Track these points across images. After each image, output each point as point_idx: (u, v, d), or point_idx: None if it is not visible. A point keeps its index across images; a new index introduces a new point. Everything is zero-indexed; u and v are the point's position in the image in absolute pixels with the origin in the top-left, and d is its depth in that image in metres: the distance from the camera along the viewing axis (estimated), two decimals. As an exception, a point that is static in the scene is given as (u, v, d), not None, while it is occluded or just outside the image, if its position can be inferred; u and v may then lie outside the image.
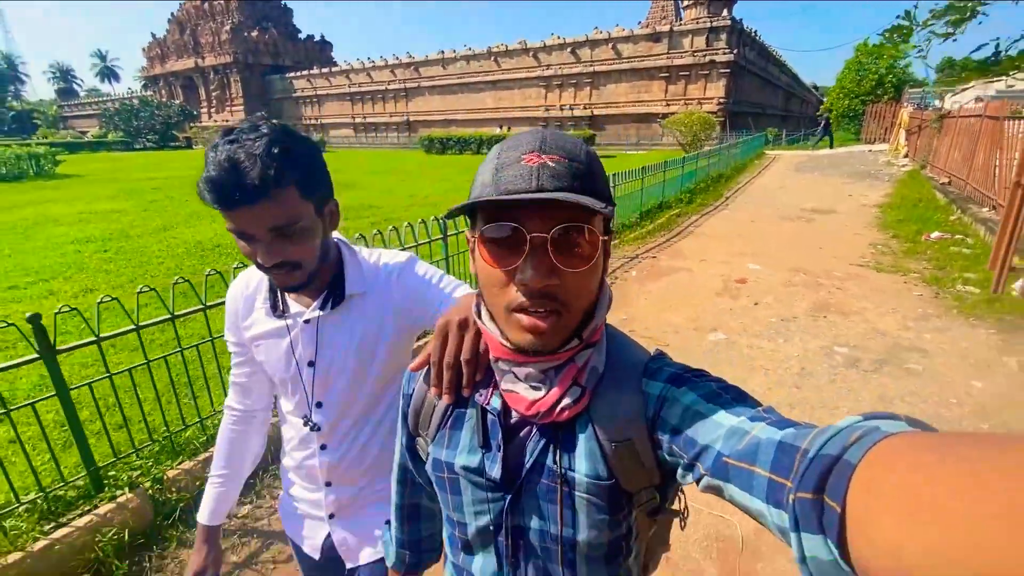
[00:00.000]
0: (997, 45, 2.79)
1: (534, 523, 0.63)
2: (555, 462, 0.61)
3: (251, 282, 1.02)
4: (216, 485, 1.12)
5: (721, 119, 29.90)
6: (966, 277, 5.18)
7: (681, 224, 8.53)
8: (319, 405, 1.00)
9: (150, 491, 2.29)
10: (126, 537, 2.11)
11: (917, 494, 0.27)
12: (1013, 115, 7.26)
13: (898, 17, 2.85)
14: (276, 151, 0.78)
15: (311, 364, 0.98)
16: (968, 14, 2.67)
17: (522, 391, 0.60)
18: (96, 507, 2.13)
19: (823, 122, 27.94)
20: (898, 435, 0.33)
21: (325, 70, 53.71)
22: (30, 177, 18.50)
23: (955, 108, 12.79)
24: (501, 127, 36.30)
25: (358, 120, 51.68)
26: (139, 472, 2.35)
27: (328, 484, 1.06)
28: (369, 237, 3.25)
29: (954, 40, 2.82)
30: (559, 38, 37.47)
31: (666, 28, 32.95)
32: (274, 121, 0.84)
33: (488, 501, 0.65)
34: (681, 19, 38.89)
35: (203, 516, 1.12)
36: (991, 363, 3.58)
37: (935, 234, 7.08)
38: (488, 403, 0.65)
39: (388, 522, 0.90)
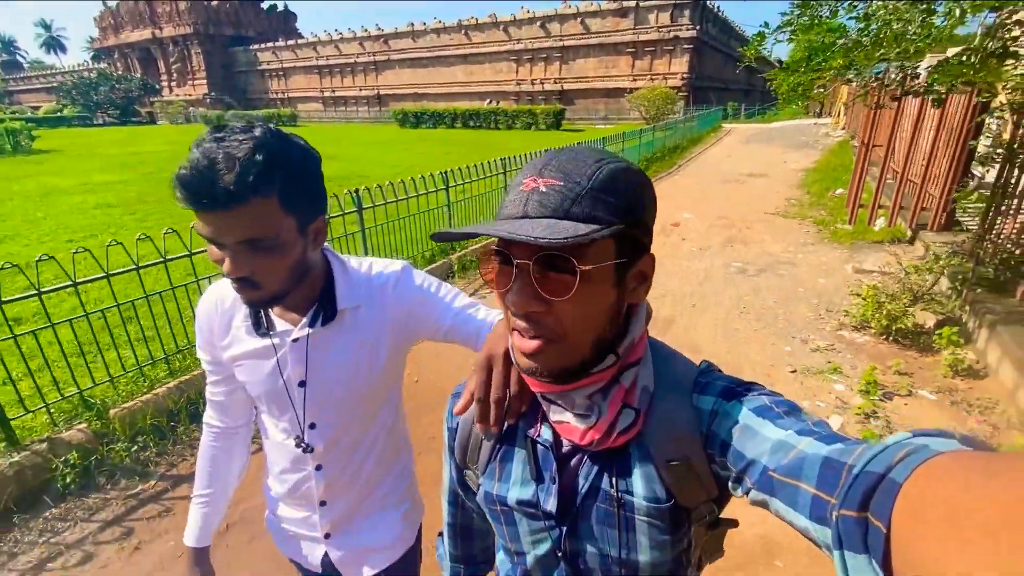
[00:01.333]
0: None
1: (593, 548, 0.62)
2: (611, 486, 0.59)
3: (227, 297, 0.93)
4: (201, 505, 1.07)
5: (685, 94, 31.37)
6: (844, 218, 6.75)
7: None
8: (312, 426, 0.94)
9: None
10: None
11: (965, 517, 0.26)
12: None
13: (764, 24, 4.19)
14: (260, 156, 0.70)
15: (302, 384, 0.91)
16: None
17: (572, 421, 0.58)
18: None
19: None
20: (947, 453, 0.32)
21: (291, 42, 52.69)
22: (8, 152, 18.59)
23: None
24: (490, 101, 36.79)
25: (327, 94, 51.19)
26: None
27: (323, 503, 1.01)
28: (374, 191, 4.50)
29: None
30: (529, 12, 37.99)
31: (632, 3, 33.94)
32: (271, 124, 0.77)
33: (545, 530, 0.64)
34: None
35: (190, 539, 1.06)
36: (836, 269, 5.11)
37: (839, 191, 8.68)
38: (539, 435, 0.63)
39: (440, 535, 0.87)
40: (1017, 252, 3.63)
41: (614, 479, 0.59)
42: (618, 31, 34.76)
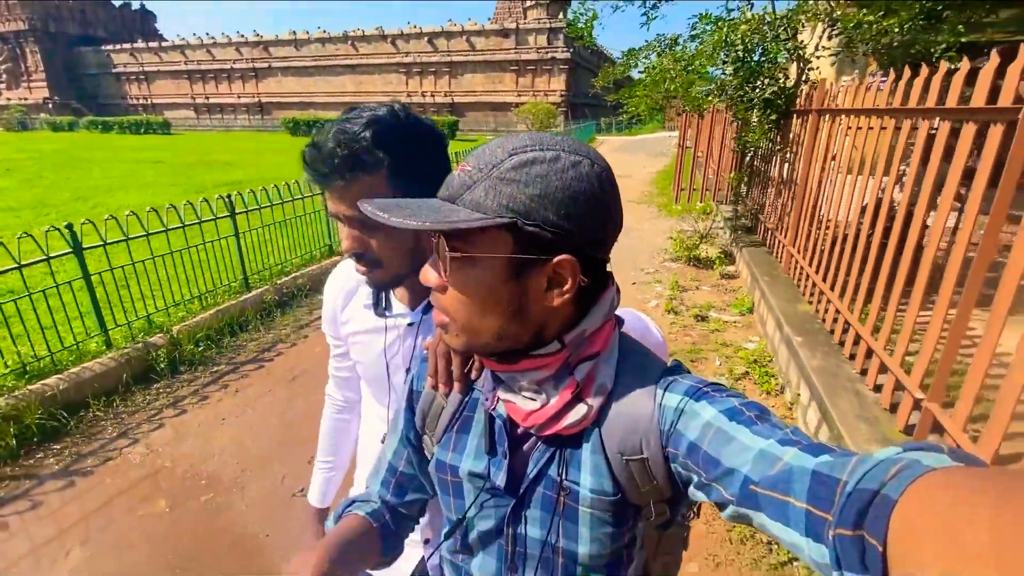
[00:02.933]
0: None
1: (535, 532, 0.62)
2: (559, 474, 0.59)
3: (353, 275, 0.93)
4: (324, 470, 1.13)
5: (564, 110, 34.87)
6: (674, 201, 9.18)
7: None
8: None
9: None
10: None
11: (958, 537, 0.26)
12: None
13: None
14: (368, 134, 0.72)
15: (408, 371, 0.87)
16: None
17: (518, 401, 0.58)
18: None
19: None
20: (940, 470, 0.32)
21: (154, 44, 48.56)
22: None
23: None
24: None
25: (200, 100, 47.89)
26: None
27: None
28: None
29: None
30: (416, 27, 39.36)
31: (513, 25, 36.85)
32: (404, 105, 0.78)
33: (492, 506, 0.64)
34: (526, 13, 43.44)
35: (314, 499, 1.13)
36: (666, 231, 7.29)
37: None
38: (494, 409, 0.63)
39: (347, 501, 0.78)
40: (755, 208, 5.91)
41: (563, 467, 0.59)
42: (502, 50, 37.47)
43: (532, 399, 0.58)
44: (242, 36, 44.97)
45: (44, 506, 2.37)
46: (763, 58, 4.92)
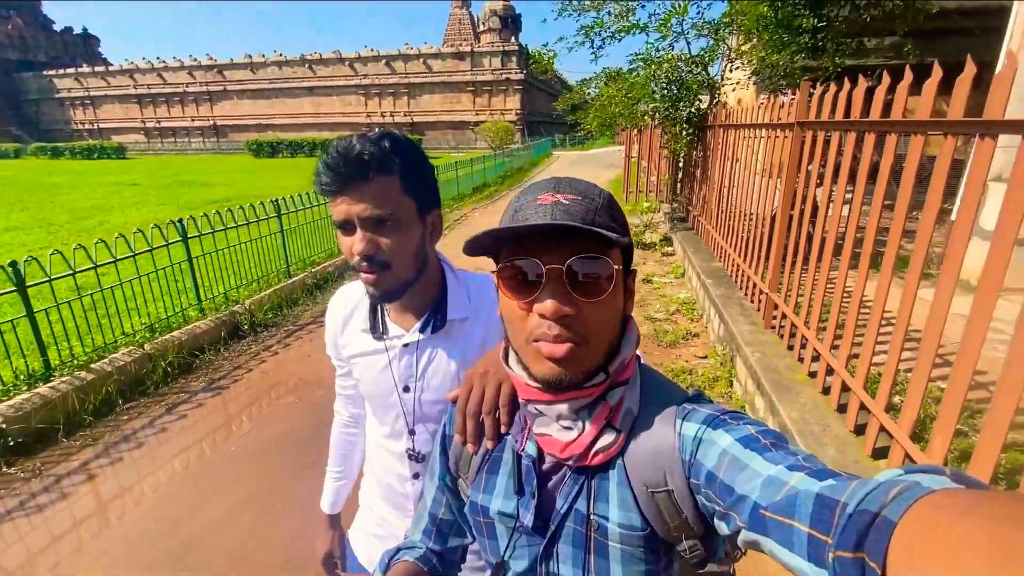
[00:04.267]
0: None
1: (567, 571, 0.62)
2: (587, 508, 0.60)
3: (350, 300, 1.01)
4: (334, 479, 1.21)
5: (520, 127, 36.78)
6: (623, 201, 10.75)
7: (493, 197, 13.39)
8: (412, 432, 0.98)
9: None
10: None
11: (956, 559, 0.27)
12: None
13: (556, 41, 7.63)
14: (384, 143, 0.82)
15: (407, 389, 0.95)
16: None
17: (555, 433, 0.59)
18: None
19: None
20: (940, 492, 0.33)
21: (100, 68, 47.61)
22: None
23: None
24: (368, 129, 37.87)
25: (151, 124, 47.16)
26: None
27: None
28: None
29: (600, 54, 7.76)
30: (373, 51, 40.53)
31: (468, 49, 38.65)
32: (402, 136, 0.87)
33: (525, 545, 0.65)
34: (479, 34, 45.58)
35: (326, 505, 1.21)
36: (621, 227, 8.79)
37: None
38: (523, 449, 0.64)
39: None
40: (686, 203, 7.45)
41: (591, 502, 0.59)
42: (458, 72, 39.14)
43: (569, 428, 0.59)
44: (195, 60, 44.83)
45: (204, 407, 3.43)
46: (682, 88, 6.47)
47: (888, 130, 2.05)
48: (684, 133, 6.38)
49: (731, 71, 6.57)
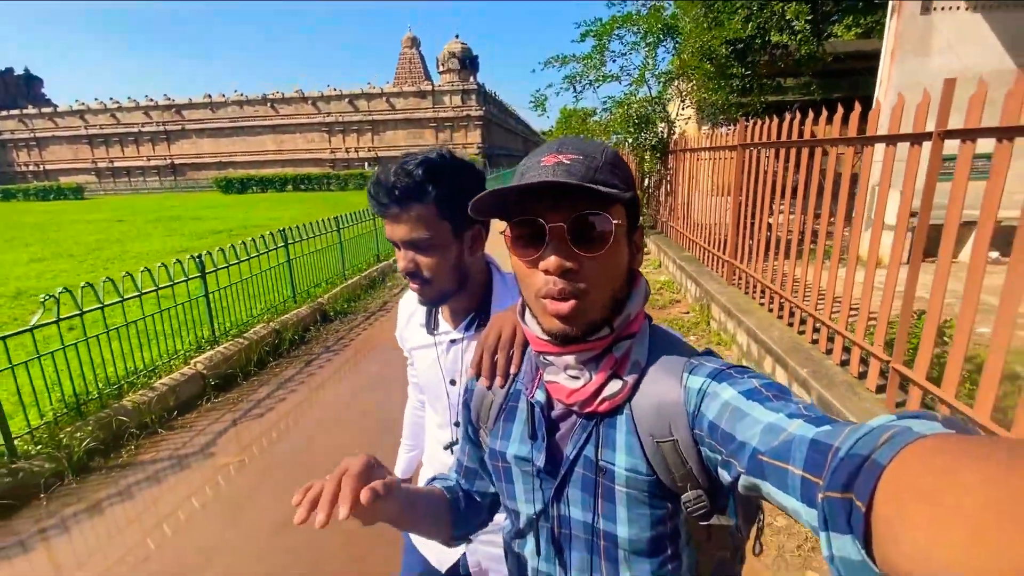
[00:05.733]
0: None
1: (577, 513, 0.65)
2: (595, 454, 0.63)
3: (415, 298, 1.05)
4: (407, 451, 1.36)
5: (483, 160, 38.82)
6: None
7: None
8: (457, 424, 1.02)
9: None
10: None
11: (945, 501, 0.27)
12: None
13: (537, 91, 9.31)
14: (420, 171, 0.87)
15: (453, 382, 1.03)
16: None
17: (562, 381, 0.63)
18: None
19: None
20: (930, 437, 0.33)
21: (48, 109, 46.48)
22: None
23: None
24: (358, 167, 38.39)
25: (103, 165, 46.18)
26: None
27: None
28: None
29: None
30: (336, 89, 41.89)
31: (429, 88, 40.71)
32: (450, 150, 0.94)
33: (538, 489, 0.68)
34: (428, 71, 47.94)
35: (399, 470, 1.35)
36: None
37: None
38: (533, 396, 0.68)
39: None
40: (654, 213, 9.12)
41: (599, 448, 0.62)
42: (420, 109, 41.00)
43: (576, 377, 0.62)
44: (151, 100, 44.70)
45: (331, 362, 4.59)
46: (646, 122, 8.22)
47: (798, 145, 3.62)
48: (650, 157, 8.07)
49: (683, 108, 8.39)
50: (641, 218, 0.65)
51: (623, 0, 8.55)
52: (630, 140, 8.33)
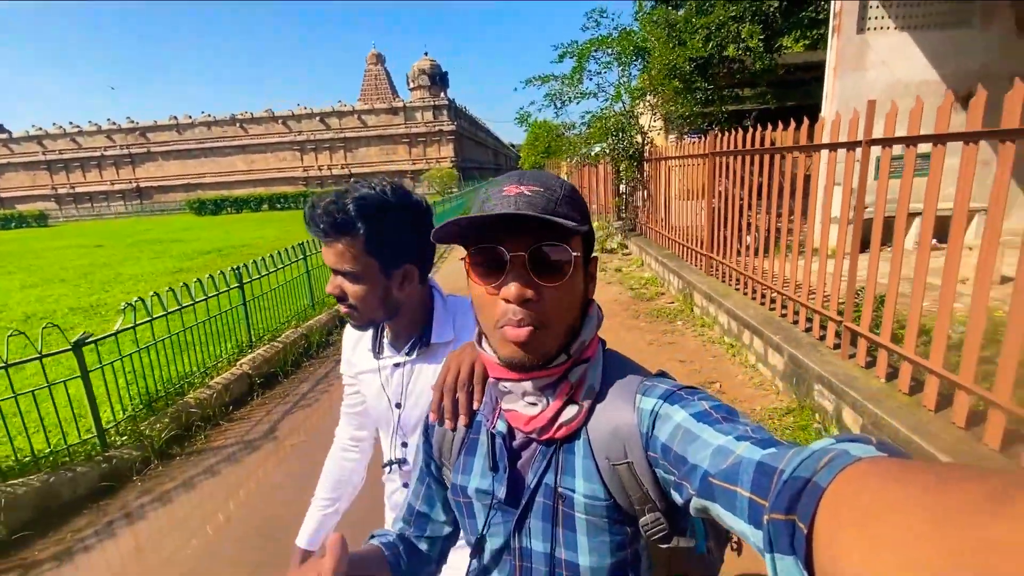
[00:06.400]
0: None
1: (538, 545, 0.65)
2: (555, 481, 0.63)
3: None
4: (322, 508, 1.20)
5: (458, 173, 39.50)
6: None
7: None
8: (404, 445, 1.06)
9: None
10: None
11: (876, 525, 0.28)
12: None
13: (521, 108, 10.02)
14: (351, 207, 0.87)
15: (398, 405, 1.04)
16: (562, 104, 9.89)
17: (520, 408, 0.63)
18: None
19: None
20: (866, 460, 0.35)
21: (3, 135, 44.97)
22: None
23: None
24: (314, 183, 38.20)
25: (63, 191, 44.87)
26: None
27: None
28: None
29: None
30: (307, 108, 41.97)
31: (401, 105, 41.23)
32: (399, 184, 0.95)
33: (500, 522, 0.67)
34: (394, 87, 48.45)
35: (303, 540, 1.19)
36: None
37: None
38: (494, 427, 0.68)
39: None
40: (632, 216, 9.84)
41: (558, 475, 0.63)
42: (392, 125, 41.43)
43: (534, 404, 0.63)
44: (114, 123, 43.82)
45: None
46: (623, 134, 8.96)
47: (759, 152, 4.30)
48: (627, 166, 8.80)
49: (654, 120, 9.19)
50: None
51: (597, 25, 9.35)
52: (608, 150, 9.06)
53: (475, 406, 0.72)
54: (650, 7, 10.60)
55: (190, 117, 43.06)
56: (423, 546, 0.80)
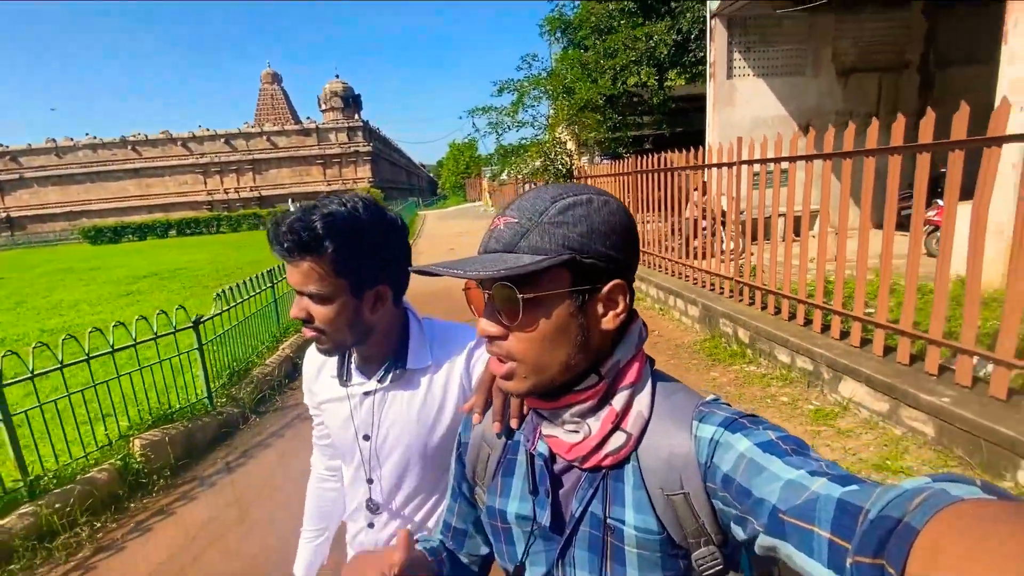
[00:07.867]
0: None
1: None
2: (603, 511, 0.59)
3: None
4: (310, 540, 1.19)
5: (381, 193, 39.83)
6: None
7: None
8: (370, 482, 1.00)
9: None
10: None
11: (989, 570, 0.26)
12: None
13: (474, 129, 11.55)
14: (319, 225, 0.80)
15: (366, 437, 0.97)
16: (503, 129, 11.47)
17: (561, 435, 0.60)
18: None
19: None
20: (968, 501, 0.32)
21: None
22: None
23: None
24: (221, 208, 35.84)
25: (-95, 224, 38.63)
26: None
27: None
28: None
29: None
30: (209, 130, 40.06)
31: (313, 126, 40.84)
32: (372, 200, 0.88)
33: (541, 550, 0.64)
34: (293, 108, 47.92)
35: (299, 570, 1.18)
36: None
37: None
38: (535, 448, 0.64)
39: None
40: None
41: (607, 504, 0.58)
42: (305, 146, 40.81)
43: (575, 431, 0.59)
44: (-28, 146, 38.81)
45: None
46: (550, 156, 10.74)
47: (667, 171, 6.03)
48: (561, 182, 10.57)
49: (576, 146, 11.12)
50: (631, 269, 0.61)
51: (529, 67, 11.23)
52: (541, 169, 10.74)
53: (514, 424, 0.68)
54: (559, 49, 12.72)
55: (71, 140, 39.30)
56: (464, 559, 0.79)
